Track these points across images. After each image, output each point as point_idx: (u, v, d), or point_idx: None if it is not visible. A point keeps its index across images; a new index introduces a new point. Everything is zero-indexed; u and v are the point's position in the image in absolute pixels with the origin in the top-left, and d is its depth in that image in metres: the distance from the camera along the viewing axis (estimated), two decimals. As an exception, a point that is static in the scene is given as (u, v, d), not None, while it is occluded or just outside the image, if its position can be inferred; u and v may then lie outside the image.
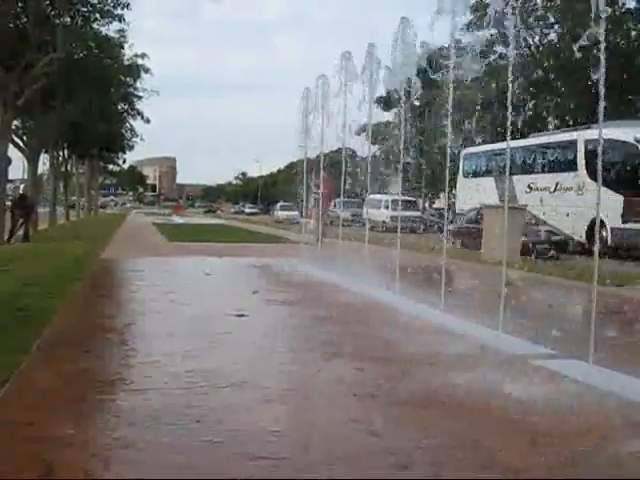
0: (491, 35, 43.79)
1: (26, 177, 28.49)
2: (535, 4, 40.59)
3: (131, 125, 42.34)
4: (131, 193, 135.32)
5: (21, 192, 24.28)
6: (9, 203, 21.80)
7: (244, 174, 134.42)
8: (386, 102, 70.12)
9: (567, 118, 38.76)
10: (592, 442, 3.31)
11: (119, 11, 24.31)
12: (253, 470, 2.87)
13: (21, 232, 20.22)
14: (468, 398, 3.93)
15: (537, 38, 42.63)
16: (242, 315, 6.69)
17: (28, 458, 2.94)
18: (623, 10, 38.08)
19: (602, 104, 4.85)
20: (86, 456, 3.02)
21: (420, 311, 7.07)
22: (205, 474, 2.85)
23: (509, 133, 6.43)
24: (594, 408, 3.87)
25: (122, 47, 29.76)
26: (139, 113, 38.99)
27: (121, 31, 27.32)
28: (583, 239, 23.57)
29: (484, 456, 3.11)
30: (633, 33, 39.14)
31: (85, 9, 22.70)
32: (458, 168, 33.71)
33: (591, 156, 23.34)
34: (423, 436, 3.36)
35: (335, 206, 21.96)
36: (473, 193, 28.95)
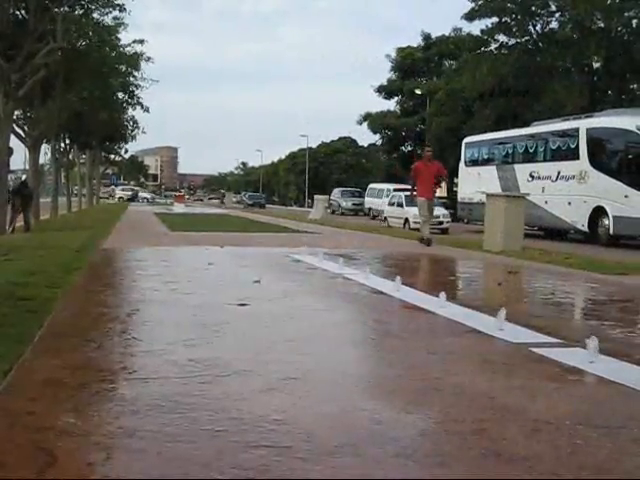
0: (492, 24, 43.59)
1: (27, 167, 28.45)
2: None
3: (132, 115, 42.19)
4: (132, 183, 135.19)
5: (22, 179, 24.10)
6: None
7: (244, 164, 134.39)
8: (387, 91, 70.02)
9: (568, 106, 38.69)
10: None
11: (119, 1, 24.31)
12: (255, 459, 2.87)
13: (21, 222, 20.21)
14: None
15: (539, 26, 42.47)
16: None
17: (30, 447, 2.95)
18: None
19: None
20: (88, 445, 3.02)
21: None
22: (207, 463, 2.85)
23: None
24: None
25: (118, 32, 29.42)
26: (138, 102, 38.81)
27: (116, 18, 27.12)
28: (585, 228, 23.58)
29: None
30: (634, 22, 38.94)
31: (84, -1, 22.67)
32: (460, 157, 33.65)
33: (593, 144, 23.35)
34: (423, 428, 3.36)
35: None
36: (475, 182, 28.93)
